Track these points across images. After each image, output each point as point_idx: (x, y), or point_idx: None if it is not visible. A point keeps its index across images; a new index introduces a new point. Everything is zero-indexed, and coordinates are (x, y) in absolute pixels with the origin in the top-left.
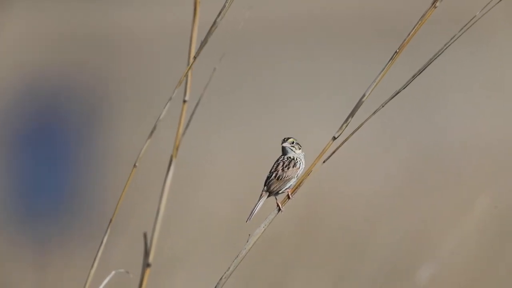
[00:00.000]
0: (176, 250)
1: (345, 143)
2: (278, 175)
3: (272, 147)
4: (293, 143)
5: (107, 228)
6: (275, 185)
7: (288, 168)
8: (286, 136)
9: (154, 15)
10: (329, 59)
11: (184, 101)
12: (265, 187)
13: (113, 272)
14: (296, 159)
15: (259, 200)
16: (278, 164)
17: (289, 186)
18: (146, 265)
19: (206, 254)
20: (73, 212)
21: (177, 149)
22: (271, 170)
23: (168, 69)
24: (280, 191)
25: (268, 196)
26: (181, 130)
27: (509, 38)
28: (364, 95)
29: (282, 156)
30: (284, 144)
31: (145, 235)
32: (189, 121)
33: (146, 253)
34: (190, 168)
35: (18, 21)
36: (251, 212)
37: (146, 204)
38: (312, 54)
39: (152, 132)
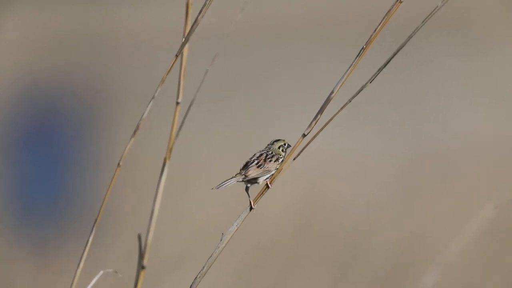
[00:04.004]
0: (171, 252)
1: (345, 144)
2: (259, 163)
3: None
4: (285, 144)
5: (93, 228)
6: (253, 171)
7: (270, 161)
8: (277, 138)
9: (152, 15)
10: (324, 60)
11: (177, 103)
12: (242, 170)
13: (101, 272)
14: (280, 155)
15: (231, 178)
16: (261, 154)
17: (265, 178)
18: (141, 267)
19: (201, 255)
20: (72, 213)
21: (170, 151)
22: (251, 157)
23: (166, 70)
24: (255, 180)
25: (242, 180)
26: (174, 132)
27: (509, 40)
28: (332, 92)
29: (266, 149)
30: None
31: (139, 237)
32: (182, 122)
33: (141, 255)
34: (186, 170)
35: (16, 22)
36: (221, 184)
37: (147, 206)
38: (307, 56)
39: (135, 131)
